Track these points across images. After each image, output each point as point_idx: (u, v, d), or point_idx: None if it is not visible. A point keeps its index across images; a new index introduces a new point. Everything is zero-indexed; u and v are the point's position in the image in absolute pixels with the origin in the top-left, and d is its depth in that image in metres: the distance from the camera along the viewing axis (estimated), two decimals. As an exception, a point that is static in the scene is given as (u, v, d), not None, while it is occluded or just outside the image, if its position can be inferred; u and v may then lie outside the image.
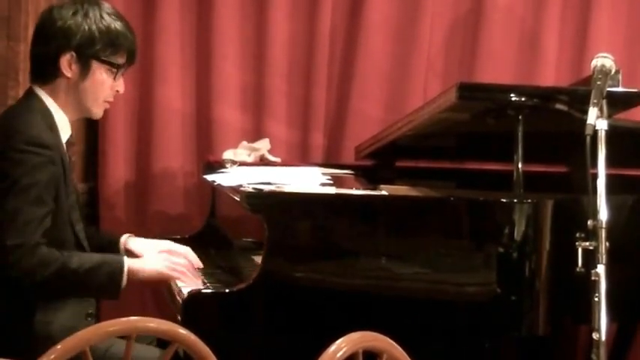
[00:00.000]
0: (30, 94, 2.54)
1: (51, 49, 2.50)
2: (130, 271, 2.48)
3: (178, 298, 2.62)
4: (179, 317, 2.57)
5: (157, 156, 3.76)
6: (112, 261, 2.49)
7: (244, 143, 3.59)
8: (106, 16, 2.53)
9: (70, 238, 2.49)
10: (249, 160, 3.52)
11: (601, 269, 2.11)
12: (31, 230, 2.34)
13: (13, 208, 2.34)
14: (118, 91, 2.61)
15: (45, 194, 2.38)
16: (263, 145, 3.59)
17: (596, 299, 2.10)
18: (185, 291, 2.57)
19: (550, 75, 3.79)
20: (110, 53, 2.53)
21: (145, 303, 3.76)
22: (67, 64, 2.50)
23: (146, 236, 2.92)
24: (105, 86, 2.56)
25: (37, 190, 2.36)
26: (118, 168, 3.76)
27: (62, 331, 2.36)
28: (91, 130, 3.74)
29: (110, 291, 2.47)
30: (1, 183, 2.36)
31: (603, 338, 2.09)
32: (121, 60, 2.56)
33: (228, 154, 3.48)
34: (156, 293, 3.60)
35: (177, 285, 2.68)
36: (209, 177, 3.24)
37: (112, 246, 2.79)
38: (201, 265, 2.78)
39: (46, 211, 2.39)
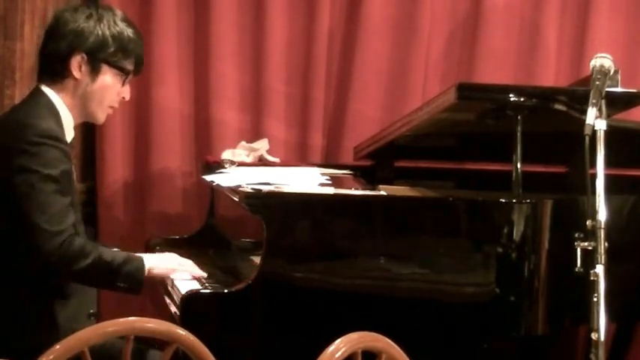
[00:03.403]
0: (37, 92, 2.55)
1: (62, 48, 2.52)
2: (149, 269, 2.52)
3: (177, 298, 2.62)
4: (178, 317, 2.56)
5: (156, 156, 3.76)
6: (136, 258, 2.52)
7: (243, 143, 3.59)
8: (119, 22, 2.56)
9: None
10: (248, 160, 3.52)
11: (600, 269, 2.11)
12: (65, 219, 2.38)
13: (42, 200, 2.36)
14: (123, 97, 2.63)
15: (65, 185, 2.42)
16: (262, 146, 3.58)
17: (595, 299, 2.10)
18: (183, 291, 2.57)
19: (549, 75, 3.79)
20: (120, 58, 2.55)
21: (144, 303, 3.76)
22: (77, 65, 2.52)
23: (144, 236, 2.92)
24: (112, 91, 2.58)
25: (58, 182, 2.39)
26: (116, 168, 3.75)
27: (65, 330, 2.39)
28: (89, 130, 3.73)
29: (133, 286, 2.49)
30: (20, 175, 2.38)
31: (602, 338, 2.09)
32: (129, 66, 2.58)
33: (226, 155, 3.48)
34: (155, 294, 3.59)
35: (175, 285, 2.68)
36: (208, 177, 3.24)
37: None
38: (204, 275, 2.77)
39: (70, 201, 2.42)
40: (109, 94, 2.58)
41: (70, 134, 2.56)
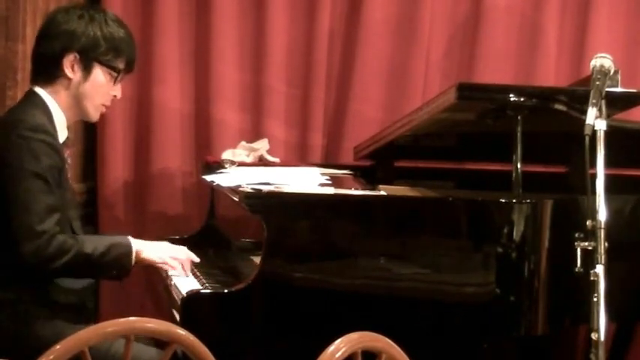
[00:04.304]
0: (30, 94, 2.59)
1: (55, 49, 2.55)
2: (137, 252, 2.57)
3: (177, 298, 2.62)
4: (177, 317, 2.57)
5: (156, 156, 3.76)
6: (121, 243, 2.56)
7: (243, 143, 3.59)
8: (110, 23, 2.60)
9: (69, 233, 2.51)
10: (248, 160, 3.52)
11: (600, 269, 2.11)
12: (46, 220, 2.40)
13: (26, 198, 2.39)
14: (115, 96, 2.66)
15: (51, 181, 2.44)
16: (262, 146, 3.58)
17: (595, 299, 2.10)
18: (183, 291, 2.57)
19: (549, 75, 3.79)
20: (112, 58, 2.59)
21: (144, 303, 3.76)
22: (69, 64, 2.55)
23: (145, 237, 2.92)
24: (103, 90, 2.61)
25: (43, 179, 2.42)
26: (116, 168, 3.76)
27: (63, 324, 2.43)
28: (89, 130, 3.74)
29: (120, 272, 2.55)
30: (7, 169, 2.41)
31: (602, 338, 2.09)
32: (121, 65, 2.62)
33: (226, 155, 3.48)
34: (155, 293, 3.59)
35: (175, 285, 2.68)
36: (208, 177, 3.24)
37: None
38: (197, 259, 2.78)
39: (55, 199, 2.44)
40: (101, 93, 2.61)
41: (62, 134, 2.58)
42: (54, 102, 2.56)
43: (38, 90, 2.57)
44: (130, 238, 2.60)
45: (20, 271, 2.43)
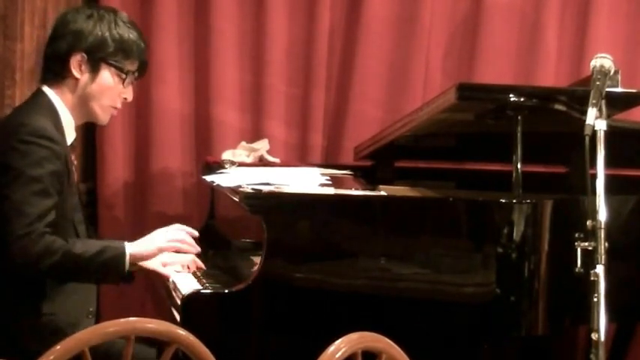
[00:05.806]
0: (38, 93, 2.57)
1: (62, 48, 2.54)
2: (132, 255, 2.51)
3: (177, 298, 2.62)
4: (178, 317, 2.57)
5: (156, 156, 3.76)
6: (114, 246, 2.51)
7: (243, 144, 3.59)
8: (120, 24, 2.57)
9: (73, 237, 2.50)
10: (248, 160, 3.52)
11: (600, 269, 2.11)
12: (37, 220, 2.37)
13: (19, 200, 2.37)
14: (125, 98, 2.64)
15: (49, 187, 2.42)
16: (262, 146, 3.58)
17: (596, 299, 2.10)
18: (184, 291, 2.57)
19: (549, 75, 3.79)
20: (120, 58, 2.57)
21: (144, 303, 3.76)
22: (77, 64, 2.54)
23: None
24: (112, 91, 2.59)
25: (42, 183, 2.40)
26: (116, 168, 3.76)
27: (67, 324, 2.43)
28: (89, 130, 3.73)
29: (114, 275, 2.50)
30: (6, 174, 2.39)
31: (602, 338, 2.09)
32: (130, 67, 2.59)
33: (227, 155, 3.48)
34: (155, 293, 3.60)
35: (175, 285, 2.68)
36: (208, 177, 3.24)
37: None
38: (196, 234, 2.72)
39: (52, 204, 2.42)
40: (109, 94, 2.58)
41: (70, 135, 2.57)
42: (61, 102, 2.55)
43: (46, 90, 2.55)
44: (126, 243, 2.55)
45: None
